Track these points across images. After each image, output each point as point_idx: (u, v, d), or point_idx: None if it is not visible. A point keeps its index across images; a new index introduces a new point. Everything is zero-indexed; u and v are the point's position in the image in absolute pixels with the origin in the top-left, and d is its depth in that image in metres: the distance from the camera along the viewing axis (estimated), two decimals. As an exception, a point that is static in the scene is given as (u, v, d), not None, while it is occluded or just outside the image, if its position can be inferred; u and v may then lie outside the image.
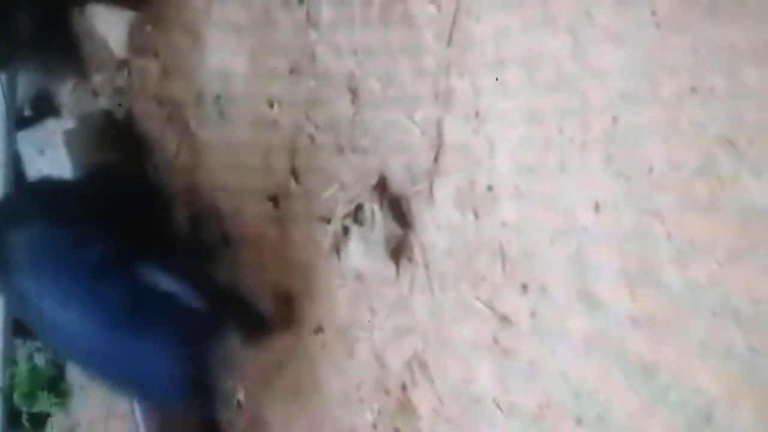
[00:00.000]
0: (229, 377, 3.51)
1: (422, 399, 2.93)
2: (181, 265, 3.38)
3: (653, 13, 2.12)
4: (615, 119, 2.26)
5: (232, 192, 3.67)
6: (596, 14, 2.27)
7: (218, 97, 3.72)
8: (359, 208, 3.06)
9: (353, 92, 3.11)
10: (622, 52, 2.22)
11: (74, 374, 4.67)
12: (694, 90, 2.05)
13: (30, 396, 4.99)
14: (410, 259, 2.92)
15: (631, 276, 2.25)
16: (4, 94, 4.48)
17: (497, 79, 2.59)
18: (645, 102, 2.17)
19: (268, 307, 3.46)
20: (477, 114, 2.68)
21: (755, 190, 1.98)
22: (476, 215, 2.71)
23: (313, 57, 3.26)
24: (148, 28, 4.07)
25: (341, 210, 3.13)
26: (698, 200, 2.08)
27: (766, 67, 1.94)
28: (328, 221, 3.19)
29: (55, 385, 4.88)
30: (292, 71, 3.35)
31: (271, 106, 3.44)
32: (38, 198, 3.62)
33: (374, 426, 3.12)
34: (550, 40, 2.41)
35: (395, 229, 2.94)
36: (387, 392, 3.05)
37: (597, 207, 2.34)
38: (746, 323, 2.01)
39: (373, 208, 2.99)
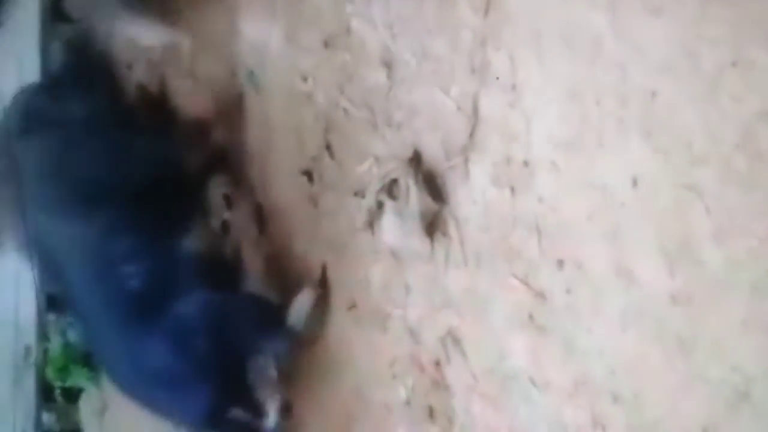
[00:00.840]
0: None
1: (456, 375, 2.91)
2: None
3: (694, -17, 2.08)
4: (654, 93, 2.22)
5: (266, 167, 3.66)
6: (636, -15, 2.23)
7: (252, 72, 3.72)
8: (394, 182, 3.04)
9: (388, 66, 3.09)
10: (661, 25, 2.18)
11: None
12: (734, 64, 2.01)
13: (63, 371, 5.04)
14: (445, 235, 2.90)
15: (670, 252, 2.21)
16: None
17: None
18: (684, 76, 2.13)
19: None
20: (514, 88, 2.65)
21: (796, 165, 1.95)
22: (512, 191, 2.68)
23: (348, 30, 3.25)
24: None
25: (375, 185, 3.11)
26: (738, 175, 2.04)
27: (808, 40, 1.91)
28: (363, 196, 3.18)
29: (89, 359, 4.91)
30: (326, 45, 3.33)
31: (305, 80, 3.43)
32: None
33: (408, 403, 3.11)
34: (587, 13, 2.37)
35: (430, 204, 2.92)
36: (421, 369, 3.04)
37: (635, 182, 2.30)
38: (788, 299, 1.98)
39: (408, 183, 2.96)
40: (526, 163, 2.63)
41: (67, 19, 5.03)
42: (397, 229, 3.03)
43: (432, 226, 2.93)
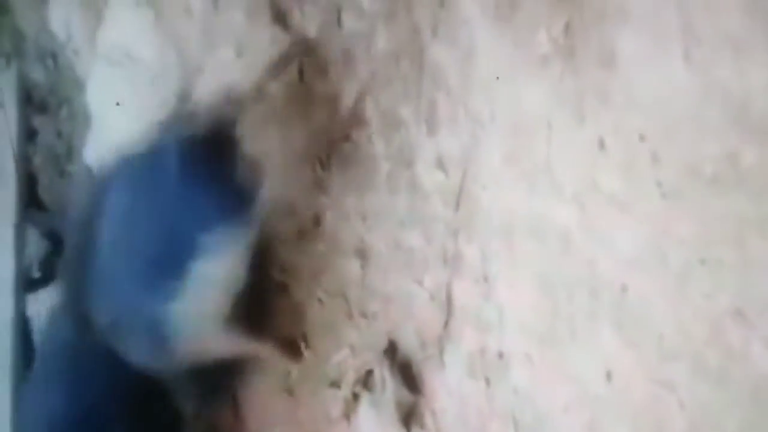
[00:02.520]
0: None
1: None
2: None
3: (658, 183, 2.13)
4: (624, 288, 2.25)
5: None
6: (601, 183, 2.28)
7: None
8: (369, 373, 3.04)
9: (362, 257, 3.12)
10: (629, 221, 2.22)
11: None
12: (702, 261, 2.05)
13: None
14: (422, 427, 2.89)
15: (645, 448, 2.21)
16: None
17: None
18: (653, 272, 2.16)
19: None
20: (486, 279, 2.68)
21: (765, 361, 1.95)
22: (487, 382, 2.68)
23: (321, 221, 3.29)
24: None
25: (351, 375, 3.11)
26: (709, 371, 2.06)
27: (772, 238, 1.94)
28: (339, 387, 3.17)
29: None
30: (300, 236, 3.37)
31: (281, 271, 3.45)
32: None
33: None
34: (556, 208, 2.42)
35: (406, 395, 2.91)
36: None
37: (609, 376, 2.31)
38: (762, 501, 1.97)
39: (384, 374, 2.97)
40: (500, 355, 2.64)
41: (43, 206, 5.10)
42: (373, 420, 3.02)
43: (408, 417, 2.92)
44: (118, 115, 4.19)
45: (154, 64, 3.98)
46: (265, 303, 3.46)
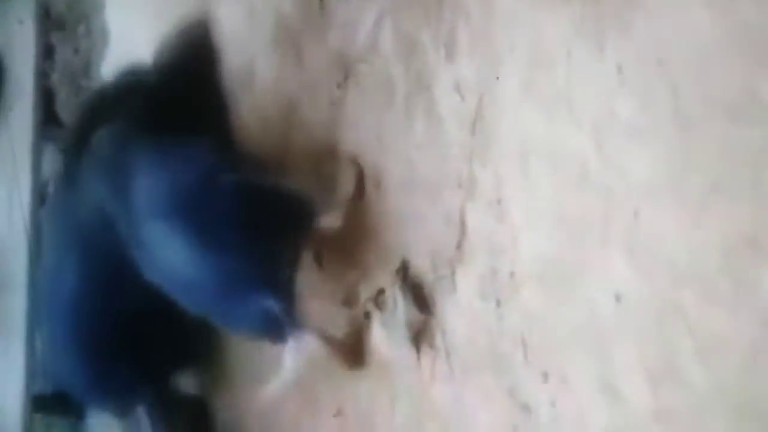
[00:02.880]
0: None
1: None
2: None
3: (675, 112, 2.15)
4: (637, 213, 2.29)
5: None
6: (619, 112, 2.30)
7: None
8: (381, 292, 3.09)
9: (377, 178, 3.16)
10: (645, 150, 2.26)
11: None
12: (717, 189, 2.08)
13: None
14: (431, 346, 2.93)
15: (653, 370, 2.26)
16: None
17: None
18: (667, 199, 2.20)
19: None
20: (500, 202, 2.71)
21: (777, 287, 2.00)
22: (498, 303, 2.72)
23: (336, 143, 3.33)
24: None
25: (363, 294, 3.16)
26: (720, 296, 2.10)
27: (789, 168, 1.98)
28: (350, 305, 3.21)
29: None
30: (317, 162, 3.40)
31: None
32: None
33: None
34: (573, 135, 2.45)
35: (417, 315, 2.95)
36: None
37: (618, 298, 2.35)
38: (769, 420, 2.02)
39: (395, 294, 3.01)
40: (512, 276, 2.68)
41: (60, 123, 5.11)
42: (384, 339, 3.07)
43: (419, 336, 2.96)
44: (136, 32, 4.21)
45: (172, -19, 3.99)
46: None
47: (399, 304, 2.99)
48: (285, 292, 3.03)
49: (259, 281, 3.03)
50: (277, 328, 3.04)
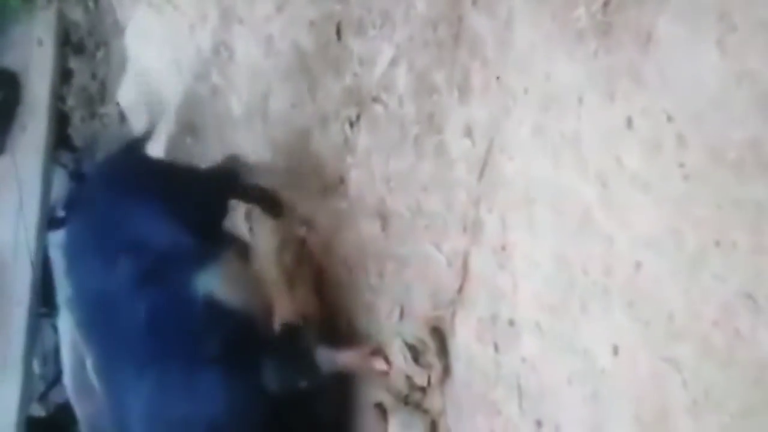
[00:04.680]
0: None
1: None
2: None
3: (681, 165, 2.16)
4: (638, 265, 2.29)
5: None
6: (626, 162, 2.31)
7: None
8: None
9: (383, 218, 3.17)
10: (649, 201, 2.26)
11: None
12: (717, 243, 2.08)
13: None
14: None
15: (645, 422, 2.25)
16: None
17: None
18: (668, 251, 2.20)
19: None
20: (504, 248, 2.72)
21: (772, 347, 2.00)
22: (496, 348, 2.73)
23: (346, 180, 3.34)
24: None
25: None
26: (715, 352, 2.09)
27: (789, 225, 1.98)
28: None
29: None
30: (324, 193, 3.41)
31: (301, 225, 3.50)
32: None
33: None
34: (579, 183, 2.45)
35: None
36: None
37: (616, 350, 2.35)
38: (756, 480, 2.02)
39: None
40: (511, 323, 2.68)
41: (71, 147, 5.13)
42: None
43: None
44: (154, 60, 4.24)
45: (193, 11, 4.02)
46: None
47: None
48: None
49: None
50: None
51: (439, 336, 2.91)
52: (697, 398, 2.14)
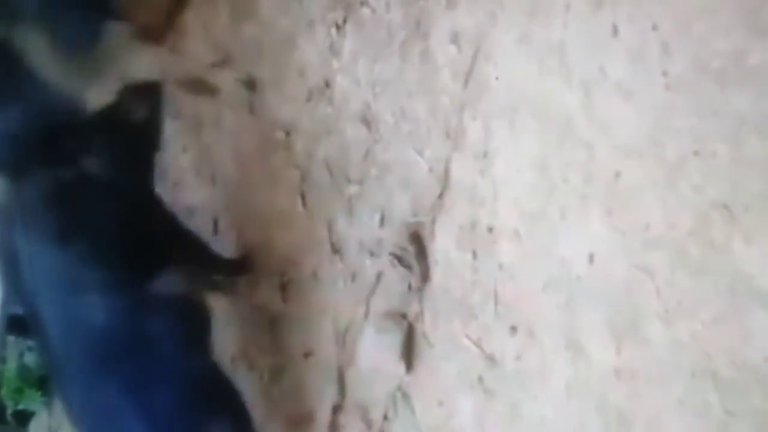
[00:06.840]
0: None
1: (402, 430, 2.96)
2: None
3: (664, 73, 2.17)
4: (618, 174, 2.31)
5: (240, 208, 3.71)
6: (609, 70, 2.31)
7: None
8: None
9: (367, 123, 3.16)
10: (631, 110, 2.27)
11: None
12: (696, 153, 2.10)
13: (17, 393, 5.01)
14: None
15: (618, 329, 2.29)
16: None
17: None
18: (648, 160, 2.22)
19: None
20: (485, 156, 2.72)
21: (745, 257, 2.02)
22: (474, 255, 2.75)
23: (331, 85, 3.33)
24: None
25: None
26: (690, 261, 2.12)
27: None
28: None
29: (44, 384, 4.91)
30: (309, 97, 3.40)
31: (284, 130, 3.49)
32: None
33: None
34: (562, 92, 2.46)
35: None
36: (368, 424, 3.09)
37: (591, 258, 2.38)
38: (724, 385, 2.05)
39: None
40: (490, 229, 2.70)
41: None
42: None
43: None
44: None
45: None
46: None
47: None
48: None
49: None
50: None
51: (419, 241, 2.94)
52: (670, 306, 2.17)
